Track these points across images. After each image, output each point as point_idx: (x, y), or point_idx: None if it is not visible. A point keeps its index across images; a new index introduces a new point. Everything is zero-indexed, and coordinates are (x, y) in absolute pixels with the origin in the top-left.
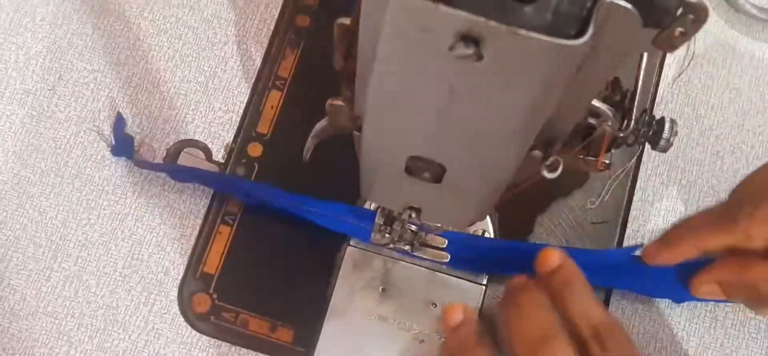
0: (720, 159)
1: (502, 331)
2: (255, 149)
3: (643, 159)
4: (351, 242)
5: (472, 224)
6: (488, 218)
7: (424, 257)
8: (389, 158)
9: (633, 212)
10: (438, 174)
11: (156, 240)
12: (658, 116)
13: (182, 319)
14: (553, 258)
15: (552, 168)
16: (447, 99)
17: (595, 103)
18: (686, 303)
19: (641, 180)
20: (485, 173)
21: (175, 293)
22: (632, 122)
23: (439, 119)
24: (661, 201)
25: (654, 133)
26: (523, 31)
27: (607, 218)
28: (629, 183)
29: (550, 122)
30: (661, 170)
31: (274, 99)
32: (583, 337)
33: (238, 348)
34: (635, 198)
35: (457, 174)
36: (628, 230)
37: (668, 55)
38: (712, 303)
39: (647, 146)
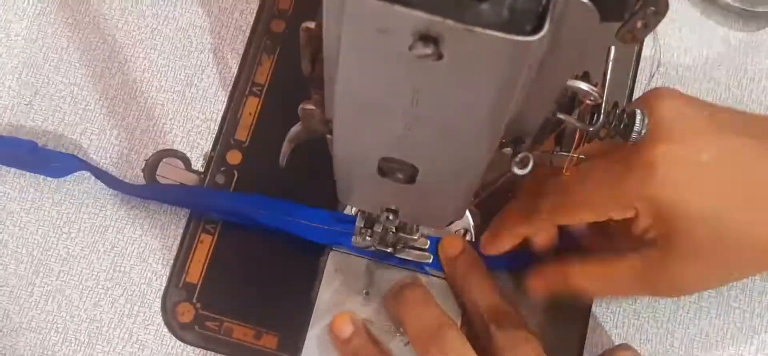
0: None
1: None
2: (234, 157)
3: None
4: (333, 246)
5: (451, 223)
6: (469, 216)
7: (407, 259)
8: (361, 161)
9: None
10: (411, 175)
11: (138, 251)
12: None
13: (166, 330)
14: (455, 246)
15: (522, 165)
16: (411, 99)
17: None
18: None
19: None
20: (456, 172)
21: (158, 304)
22: (602, 116)
23: (406, 120)
24: None
25: (625, 126)
26: (479, 29)
27: None
28: None
29: (517, 119)
30: None
31: (252, 106)
32: (485, 320)
33: None
34: None
35: (429, 174)
36: None
37: (645, 46)
38: (696, 294)
39: None
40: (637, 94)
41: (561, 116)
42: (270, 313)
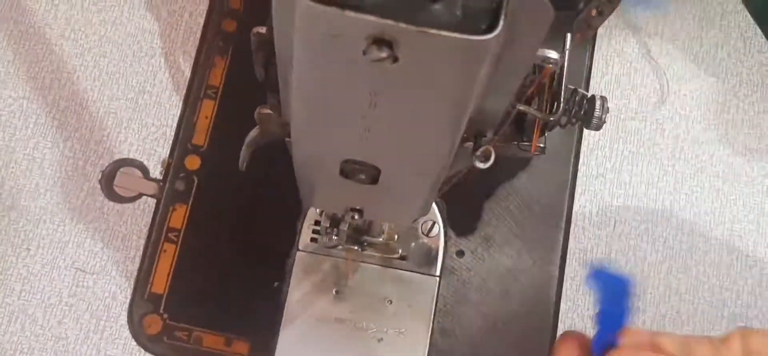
0: (660, 127)
1: None
2: (193, 162)
3: (583, 134)
4: (300, 247)
5: (416, 219)
6: (435, 209)
7: (375, 254)
8: (322, 163)
9: (579, 188)
10: (373, 175)
11: (100, 265)
12: (593, 91)
13: (134, 343)
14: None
15: (484, 158)
16: (369, 102)
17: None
18: (639, 274)
19: (584, 155)
20: (419, 171)
21: (124, 317)
22: (562, 104)
23: (365, 122)
24: (605, 174)
25: (585, 112)
26: (433, 31)
27: (552, 196)
28: (572, 159)
29: (477, 113)
30: (603, 143)
31: (208, 109)
32: None
33: None
34: (580, 174)
35: (391, 174)
36: (576, 207)
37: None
38: (665, 270)
39: None
40: (594, 80)
41: (521, 107)
42: (240, 319)
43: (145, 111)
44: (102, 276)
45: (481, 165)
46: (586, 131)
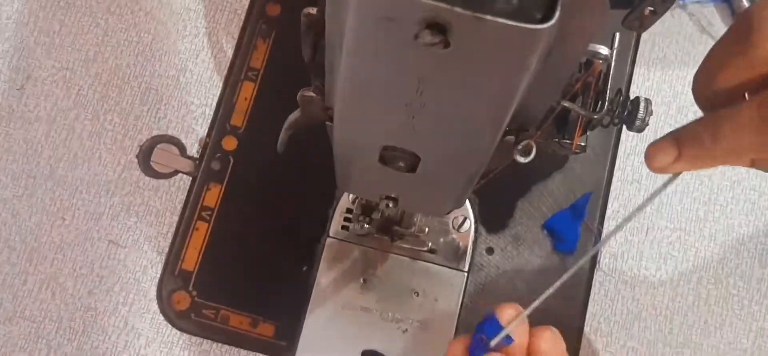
0: None
1: None
2: (229, 143)
3: (621, 138)
4: (330, 234)
5: (450, 211)
6: (468, 205)
7: (404, 245)
8: (362, 149)
9: (612, 193)
10: (412, 163)
11: (133, 238)
12: (634, 95)
13: (162, 318)
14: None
15: (525, 152)
16: (416, 88)
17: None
18: (669, 282)
19: (620, 160)
20: (459, 161)
21: (153, 292)
22: (606, 103)
23: (410, 108)
24: (640, 181)
25: (629, 113)
26: (488, 17)
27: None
28: (608, 164)
29: (522, 107)
30: (640, 149)
31: (248, 91)
32: None
33: (219, 344)
34: (615, 178)
35: (431, 163)
36: (609, 211)
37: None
38: (695, 280)
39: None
40: (636, 81)
41: (566, 103)
42: (267, 301)
43: (186, 89)
44: (134, 250)
45: (521, 159)
46: (623, 137)
